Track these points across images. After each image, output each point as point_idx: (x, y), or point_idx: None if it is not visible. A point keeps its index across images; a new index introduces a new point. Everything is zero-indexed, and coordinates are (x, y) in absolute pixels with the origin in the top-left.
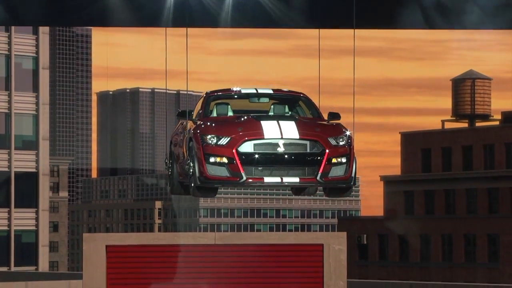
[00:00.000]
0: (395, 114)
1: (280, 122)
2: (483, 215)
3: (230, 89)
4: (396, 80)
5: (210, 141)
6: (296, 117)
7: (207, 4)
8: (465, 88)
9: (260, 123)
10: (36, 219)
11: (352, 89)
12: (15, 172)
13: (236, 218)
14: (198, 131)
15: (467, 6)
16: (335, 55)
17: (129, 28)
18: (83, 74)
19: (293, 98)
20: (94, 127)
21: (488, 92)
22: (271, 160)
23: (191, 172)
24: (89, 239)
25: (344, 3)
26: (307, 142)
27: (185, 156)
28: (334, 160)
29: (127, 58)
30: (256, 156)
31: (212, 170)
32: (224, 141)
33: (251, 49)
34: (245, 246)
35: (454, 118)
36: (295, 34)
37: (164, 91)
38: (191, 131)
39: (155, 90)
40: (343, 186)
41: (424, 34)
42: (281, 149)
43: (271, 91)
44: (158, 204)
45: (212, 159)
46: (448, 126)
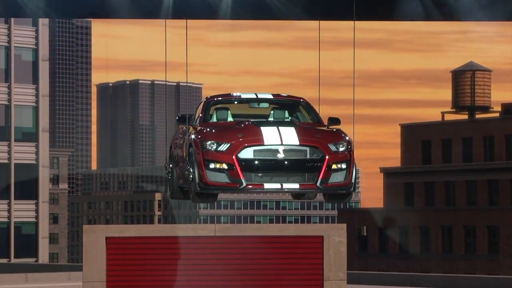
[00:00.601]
0: (395, 106)
1: (280, 128)
2: (483, 207)
3: (230, 94)
4: (396, 72)
5: (210, 147)
6: (296, 123)
7: None
8: (465, 80)
9: (260, 129)
10: (36, 211)
11: (352, 80)
12: (15, 164)
13: (236, 210)
14: (198, 137)
15: None
16: (335, 47)
17: (129, 20)
18: (82, 66)
19: (292, 103)
20: (94, 119)
21: (488, 84)
22: (271, 166)
23: (190, 178)
24: (89, 231)
25: None
26: (307, 148)
27: (185, 161)
28: (334, 166)
29: (127, 50)
30: (256, 162)
31: (212, 176)
32: (224, 147)
33: (251, 41)
34: (245, 238)
35: (454, 110)
36: (295, 26)
37: (164, 83)
38: (191, 137)
39: (155, 82)
40: (343, 193)
41: (424, 26)
42: (281, 155)
43: (271, 96)
44: (158, 196)
45: (212, 165)
46: (448, 118)
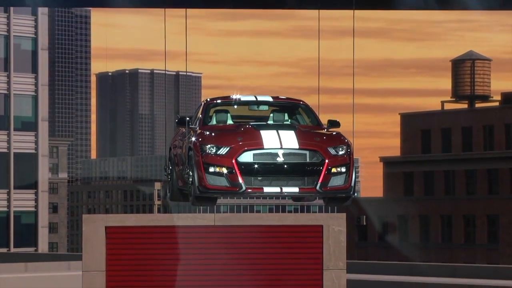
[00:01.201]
0: (395, 95)
1: (279, 131)
2: (482, 196)
3: (229, 96)
4: (395, 61)
5: (209, 150)
6: (296, 126)
7: None
8: (464, 69)
9: (260, 133)
10: (36, 200)
11: (351, 70)
12: (14, 153)
13: (236, 199)
14: (197, 141)
15: None
16: (335, 36)
17: (128, 9)
18: (82, 55)
19: (292, 106)
20: (94, 108)
21: (487, 73)
22: (270, 170)
23: (190, 181)
24: (88, 220)
25: None
26: (307, 152)
27: (184, 164)
28: (333, 170)
29: (126, 39)
30: (256, 166)
31: (211, 180)
32: (223, 151)
33: (251, 30)
34: (244, 228)
35: (454, 99)
36: (295, 15)
37: (164, 72)
38: (191, 140)
39: (154, 71)
40: (342, 196)
41: (423, 15)
42: (280, 159)
43: (271, 99)
44: (158, 185)
45: (211, 169)
46: (448, 107)
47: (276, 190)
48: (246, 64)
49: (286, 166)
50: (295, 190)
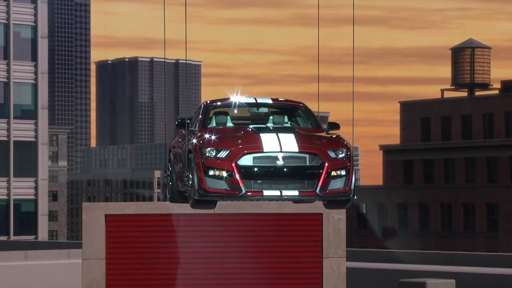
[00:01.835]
0: (395, 83)
1: (279, 134)
2: (482, 184)
3: (229, 98)
4: (395, 49)
5: (209, 154)
6: (295, 129)
7: None
8: (464, 57)
9: (259, 136)
10: (35, 188)
11: (351, 58)
12: (14, 141)
13: None
14: (197, 143)
15: None
16: (335, 24)
17: None
18: (81, 43)
19: (292, 108)
20: (93, 96)
21: (487, 61)
22: (270, 173)
23: (190, 184)
24: (88, 208)
25: None
26: (307, 155)
27: (184, 167)
28: (333, 173)
29: (126, 27)
30: (256, 169)
31: (211, 183)
32: (223, 154)
33: (251, 18)
34: (244, 215)
35: (454, 87)
36: (295, 3)
37: (163, 60)
38: (190, 143)
39: (154, 59)
40: (342, 199)
41: (423, 3)
42: (280, 162)
43: (270, 101)
44: (157, 173)
45: (211, 172)
46: (448, 95)
47: (276, 193)
48: (245, 52)
49: (286, 170)
50: (295, 193)
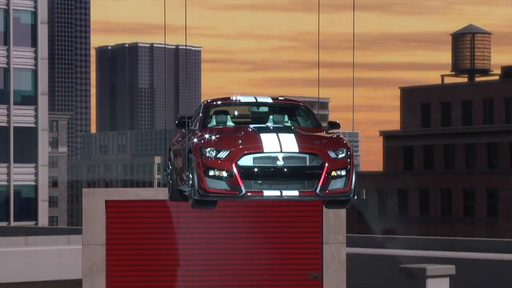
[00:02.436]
0: (395, 69)
1: (279, 135)
2: (482, 170)
3: (229, 97)
4: (395, 34)
5: (209, 154)
6: (296, 129)
7: None
8: (464, 43)
9: (260, 136)
10: (36, 174)
11: (351, 44)
12: (14, 127)
13: None
14: (197, 143)
15: None
16: (335, 10)
17: None
18: (81, 29)
19: (292, 107)
20: (93, 82)
21: (487, 47)
22: (270, 173)
23: (190, 184)
24: (88, 194)
25: None
26: (307, 156)
27: (184, 166)
28: (333, 173)
29: (126, 13)
30: (256, 169)
31: (211, 183)
32: (223, 154)
33: (251, 3)
34: (244, 202)
35: (454, 73)
36: None
37: (163, 46)
38: (190, 143)
39: (154, 45)
40: (342, 199)
41: None
42: (280, 162)
43: (270, 100)
44: (157, 159)
45: (211, 172)
46: (448, 81)
47: (276, 193)
48: (246, 38)
49: (286, 170)
50: (295, 193)
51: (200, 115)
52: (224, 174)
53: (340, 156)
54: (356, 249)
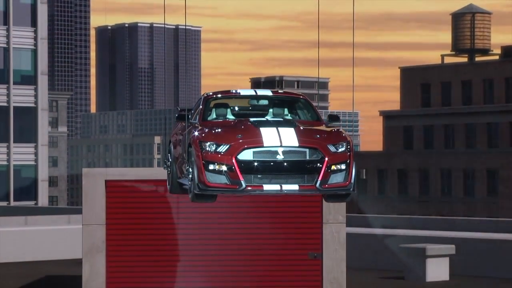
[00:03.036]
0: (395, 48)
1: (279, 129)
2: (482, 149)
3: (229, 91)
4: (395, 14)
5: (209, 148)
6: (295, 122)
7: None
8: (464, 23)
9: (260, 130)
10: (36, 154)
11: (351, 23)
12: (14, 107)
13: None
14: (197, 137)
15: None
16: None
17: None
18: (81, 9)
19: (292, 100)
20: (93, 62)
21: (488, 27)
22: (270, 168)
23: (190, 178)
24: (88, 174)
25: None
26: (307, 150)
27: (184, 159)
28: (333, 167)
29: None
30: (256, 164)
31: (211, 177)
32: (223, 148)
33: None
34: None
35: (454, 53)
36: None
37: (163, 25)
38: (190, 136)
39: (154, 25)
40: (342, 193)
41: None
42: (280, 156)
43: (270, 93)
44: (157, 139)
45: (211, 167)
46: (448, 60)
47: (276, 188)
48: (246, 17)
49: (286, 164)
50: (295, 187)
51: (200, 108)
52: (224, 168)
53: (340, 150)
54: (356, 229)
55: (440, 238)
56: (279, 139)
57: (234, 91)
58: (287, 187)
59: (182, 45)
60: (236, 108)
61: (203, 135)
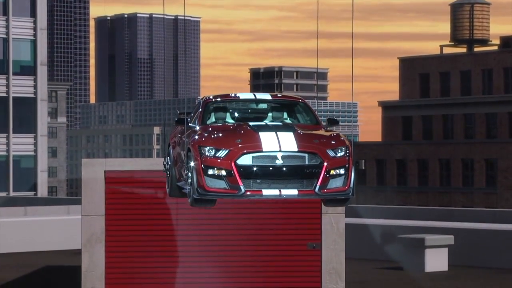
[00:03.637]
0: (394, 39)
1: (278, 133)
2: (481, 140)
3: (228, 94)
4: (394, 5)
5: (208, 153)
6: (294, 127)
7: None
8: (463, 13)
9: (259, 135)
10: (35, 145)
11: (350, 14)
12: (13, 97)
13: None
14: (196, 142)
15: None
16: None
17: None
18: None
19: (291, 104)
20: (92, 52)
21: (486, 17)
22: (269, 172)
23: (189, 182)
24: (87, 165)
25: None
26: (306, 155)
27: (183, 163)
28: (332, 172)
29: None
30: (255, 168)
31: (210, 182)
32: (222, 153)
33: None
34: None
35: (453, 43)
36: None
37: (162, 16)
38: (189, 141)
39: (153, 15)
40: (341, 198)
41: None
42: (279, 161)
43: (269, 97)
44: (157, 129)
45: (210, 171)
46: (447, 51)
47: (275, 192)
48: (245, 8)
49: (285, 169)
50: (294, 192)
51: (200, 111)
52: (223, 173)
53: (339, 154)
54: (355, 219)
55: (438, 229)
56: (278, 144)
57: (234, 95)
58: (286, 192)
59: (182, 35)
60: (236, 114)
61: (203, 139)
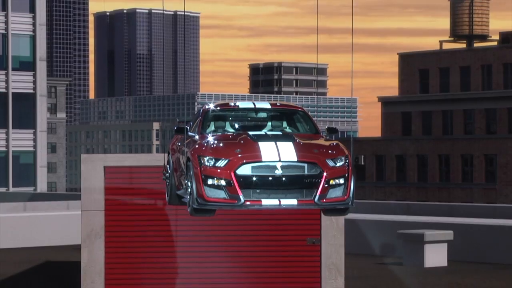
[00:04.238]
0: (393, 34)
1: (277, 143)
2: (480, 135)
3: (228, 103)
4: (394, 0)
5: (208, 163)
6: (294, 136)
7: None
8: (463, 9)
9: (258, 145)
10: (34, 140)
11: (350, 9)
12: (12, 93)
13: None
14: (196, 151)
15: None
16: None
17: None
18: None
19: (290, 112)
20: (91, 48)
21: (486, 13)
22: (269, 182)
23: (189, 192)
24: (87, 160)
25: None
26: (305, 165)
27: (183, 171)
28: (332, 182)
29: None
30: (254, 178)
31: (210, 192)
32: (222, 163)
33: None
34: None
35: (452, 39)
36: None
37: (161, 11)
38: (189, 150)
39: (152, 11)
40: (341, 208)
41: None
42: (279, 171)
43: (269, 106)
44: (156, 125)
45: (210, 181)
46: (446, 46)
47: (275, 202)
48: (244, 3)
49: (284, 179)
50: (294, 202)
51: (199, 119)
52: (223, 182)
53: (338, 164)
54: (355, 215)
55: (438, 224)
56: (278, 154)
57: (233, 104)
58: (285, 201)
59: (181, 31)
60: (235, 123)
61: (202, 149)
